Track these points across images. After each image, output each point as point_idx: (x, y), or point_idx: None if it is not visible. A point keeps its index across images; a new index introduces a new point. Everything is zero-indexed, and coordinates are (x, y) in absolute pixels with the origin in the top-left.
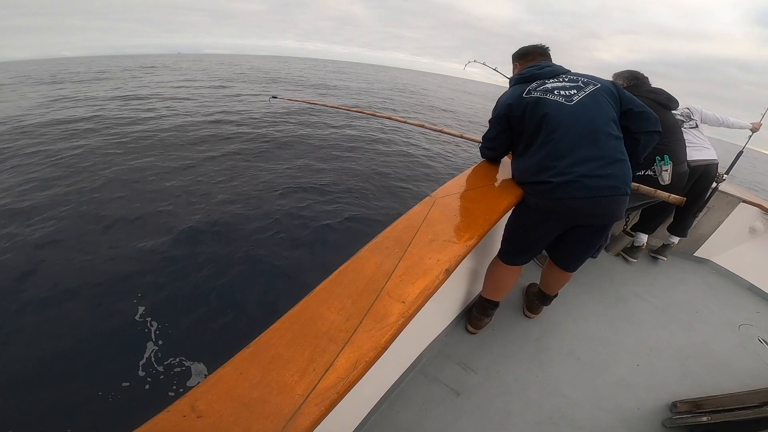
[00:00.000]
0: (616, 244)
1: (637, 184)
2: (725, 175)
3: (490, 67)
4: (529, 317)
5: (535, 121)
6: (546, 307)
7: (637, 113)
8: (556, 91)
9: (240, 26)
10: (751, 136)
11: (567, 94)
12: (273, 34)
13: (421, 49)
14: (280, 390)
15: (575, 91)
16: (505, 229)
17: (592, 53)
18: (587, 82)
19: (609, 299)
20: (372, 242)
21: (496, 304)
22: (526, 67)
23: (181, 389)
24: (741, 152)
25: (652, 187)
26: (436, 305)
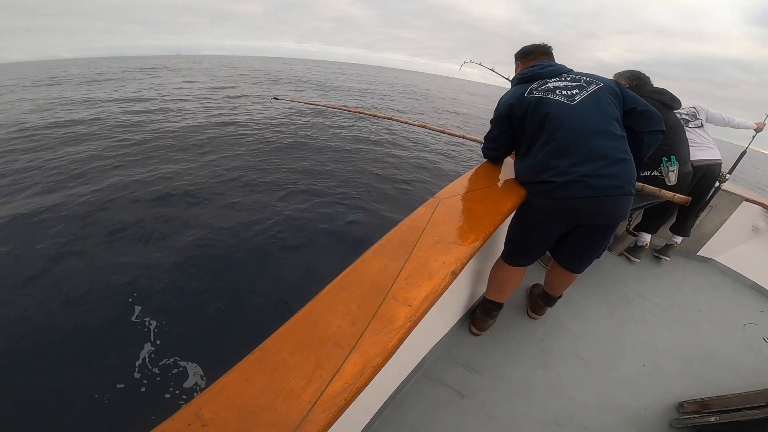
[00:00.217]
0: (618, 243)
1: (642, 184)
2: (728, 175)
3: (487, 67)
4: (533, 318)
5: (537, 121)
6: (550, 308)
7: (641, 112)
8: (558, 91)
9: (239, 27)
10: (754, 137)
11: (569, 93)
12: (272, 35)
13: (420, 49)
14: (287, 397)
15: (577, 91)
16: (508, 230)
17: (591, 53)
18: (590, 81)
19: (613, 299)
20: (376, 244)
21: (500, 306)
22: (528, 66)
23: (177, 391)
24: (744, 152)
25: (657, 187)
26: (440, 307)
